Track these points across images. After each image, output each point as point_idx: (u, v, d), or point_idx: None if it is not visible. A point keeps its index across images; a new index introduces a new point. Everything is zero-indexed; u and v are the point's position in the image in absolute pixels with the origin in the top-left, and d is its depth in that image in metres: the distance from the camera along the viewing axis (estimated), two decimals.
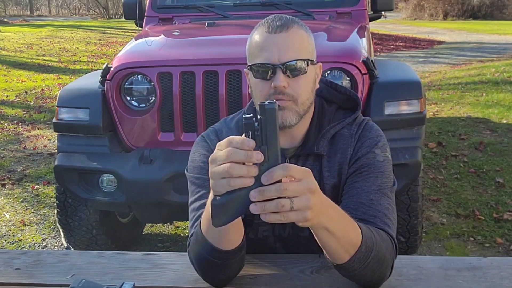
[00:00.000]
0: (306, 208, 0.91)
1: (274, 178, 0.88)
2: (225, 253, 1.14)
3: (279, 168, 0.88)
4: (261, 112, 0.89)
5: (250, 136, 0.90)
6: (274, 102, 0.89)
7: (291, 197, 0.89)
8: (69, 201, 2.88)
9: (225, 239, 1.13)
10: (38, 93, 8.26)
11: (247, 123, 0.90)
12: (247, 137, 0.90)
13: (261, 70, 1.22)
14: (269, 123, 0.88)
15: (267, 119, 0.88)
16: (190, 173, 1.34)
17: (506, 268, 1.27)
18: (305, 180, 0.91)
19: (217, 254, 1.14)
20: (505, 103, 6.67)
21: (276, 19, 1.24)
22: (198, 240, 1.17)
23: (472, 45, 14.10)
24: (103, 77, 2.73)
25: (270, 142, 0.89)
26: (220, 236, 1.12)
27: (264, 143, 0.89)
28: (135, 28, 6.51)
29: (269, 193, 0.88)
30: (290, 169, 0.89)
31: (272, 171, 0.88)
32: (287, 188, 0.88)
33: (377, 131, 1.33)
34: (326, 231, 1.02)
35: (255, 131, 0.89)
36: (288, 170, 0.89)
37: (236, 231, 1.13)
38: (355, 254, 1.07)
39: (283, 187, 0.88)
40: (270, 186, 0.88)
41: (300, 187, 0.90)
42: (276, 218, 0.90)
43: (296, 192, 0.90)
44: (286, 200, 0.89)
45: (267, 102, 0.89)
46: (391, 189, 1.27)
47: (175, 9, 3.74)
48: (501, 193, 3.90)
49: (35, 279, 1.30)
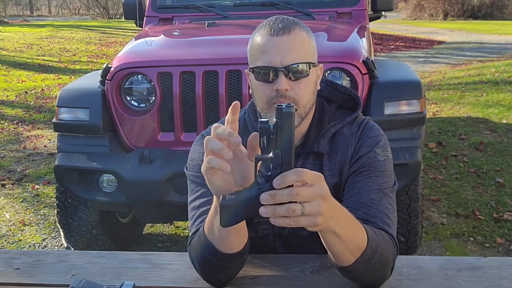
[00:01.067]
0: (317, 214, 0.90)
1: (286, 182, 0.87)
2: (226, 256, 1.14)
3: (292, 172, 0.87)
4: (278, 115, 0.87)
5: (265, 140, 0.88)
6: (291, 106, 0.87)
7: (303, 202, 0.88)
8: (69, 201, 2.88)
9: (228, 243, 1.13)
10: (38, 93, 8.26)
11: (263, 127, 0.88)
12: (262, 141, 0.89)
13: (263, 72, 1.22)
14: (285, 127, 0.86)
15: (284, 123, 0.86)
16: (189, 171, 1.34)
17: (506, 268, 1.27)
18: (317, 186, 0.90)
19: (218, 256, 1.14)
20: (505, 103, 6.67)
21: (278, 21, 1.23)
22: (200, 241, 1.17)
23: (472, 45, 14.10)
24: (103, 77, 2.73)
25: (284, 146, 0.87)
26: (222, 239, 1.12)
27: (279, 147, 0.87)
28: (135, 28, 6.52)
29: (280, 197, 0.87)
30: (304, 174, 0.88)
31: (285, 175, 0.87)
32: (299, 193, 0.87)
33: (377, 130, 1.33)
34: (333, 235, 1.01)
35: (270, 134, 0.88)
36: (301, 175, 0.88)
37: (239, 236, 1.13)
38: (361, 257, 1.07)
39: (295, 192, 0.87)
40: (282, 190, 0.87)
41: (312, 193, 0.89)
42: (286, 222, 0.89)
43: (308, 197, 0.89)
44: (297, 205, 0.88)
45: (284, 105, 0.87)
46: (392, 189, 1.27)
47: (175, 9, 3.74)
48: (501, 193, 3.90)
49: (35, 279, 1.30)
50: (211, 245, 1.13)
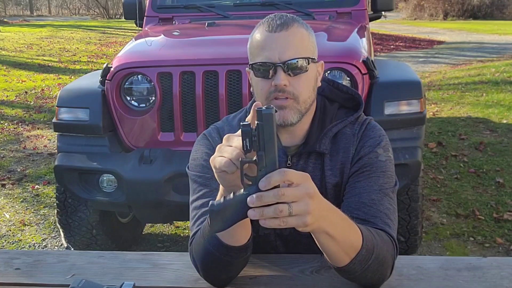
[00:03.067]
0: (305, 213, 0.90)
1: (271, 183, 0.88)
2: (231, 249, 1.14)
3: (276, 173, 0.88)
4: (258, 117, 0.89)
5: (248, 142, 0.90)
6: (271, 108, 0.89)
7: (289, 202, 0.89)
8: (69, 201, 2.88)
9: (232, 234, 1.13)
10: (38, 93, 8.26)
11: (245, 130, 0.90)
12: (244, 144, 0.90)
13: (262, 69, 1.23)
14: (266, 128, 0.88)
15: (264, 124, 0.88)
16: (191, 171, 1.34)
17: (506, 268, 1.27)
18: (303, 185, 0.91)
19: (223, 250, 1.14)
20: (505, 103, 6.67)
21: (276, 18, 1.24)
22: (204, 234, 1.17)
23: (472, 45, 14.09)
24: (103, 77, 2.73)
25: (267, 147, 0.89)
26: (228, 230, 1.11)
27: (262, 149, 0.89)
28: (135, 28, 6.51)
29: (267, 199, 0.88)
30: (288, 174, 0.89)
31: (270, 176, 0.88)
32: (284, 193, 0.88)
33: (379, 130, 1.33)
34: (326, 235, 1.01)
35: (252, 136, 0.89)
36: (285, 175, 0.88)
37: (243, 228, 1.13)
38: (356, 257, 1.07)
39: (280, 192, 0.87)
40: (268, 191, 0.88)
41: (298, 192, 0.90)
42: (275, 223, 0.89)
43: (294, 197, 0.89)
44: (284, 205, 0.88)
45: (264, 107, 0.89)
46: (393, 189, 1.27)
47: (175, 9, 3.74)
48: (501, 193, 3.90)
49: (35, 279, 1.30)
50: (215, 237, 1.13)
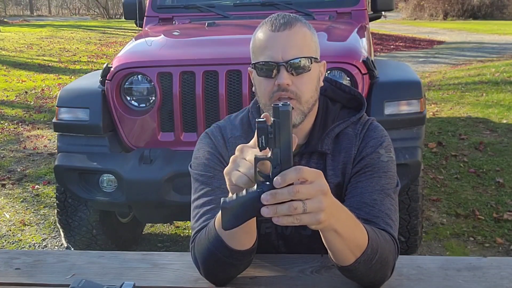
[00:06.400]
0: (319, 210, 0.90)
1: (287, 181, 0.87)
2: (235, 252, 1.14)
3: (291, 170, 0.87)
4: (275, 114, 0.87)
5: (263, 140, 0.88)
6: (288, 104, 0.87)
7: (304, 199, 0.88)
8: (69, 201, 2.88)
9: (238, 238, 1.13)
10: (38, 93, 8.26)
11: (261, 127, 0.88)
12: (260, 141, 0.89)
13: (265, 68, 1.22)
14: (282, 125, 0.86)
15: (281, 121, 0.86)
16: (194, 169, 1.33)
17: (506, 268, 1.27)
18: (317, 182, 0.90)
19: (227, 252, 1.14)
20: (505, 103, 6.67)
21: (279, 17, 1.24)
22: (209, 235, 1.16)
23: (472, 45, 14.10)
24: (103, 77, 2.73)
25: (283, 144, 0.87)
26: (233, 234, 1.11)
27: (277, 146, 0.87)
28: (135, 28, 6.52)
29: (281, 196, 0.87)
30: (303, 171, 0.88)
31: (285, 173, 0.87)
32: (299, 190, 0.87)
33: (381, 131, 1.33)
34: (334, 233, 1.01)
35: (268, 134, 0.88)
36: (301, 172, 0.88)
37: (249, 233, 1.13)
38: (361, 256, 1.07)
39: (295, 190, 0.87)
40: (283, 189, 0.87)
41: (312, 189, 0.89)
42: (289, 221, 0.89)
43: (308, 195, 0.88)
44: (299, 202, 0.88)
45: (281, 104, 0.87)
46: (395, 190, 1.27)
47: (175, 9, 3.74)
48: (501, 193, 3.90)
49: (35, 279, 1.30)
50: (220, 240, 1.13)
